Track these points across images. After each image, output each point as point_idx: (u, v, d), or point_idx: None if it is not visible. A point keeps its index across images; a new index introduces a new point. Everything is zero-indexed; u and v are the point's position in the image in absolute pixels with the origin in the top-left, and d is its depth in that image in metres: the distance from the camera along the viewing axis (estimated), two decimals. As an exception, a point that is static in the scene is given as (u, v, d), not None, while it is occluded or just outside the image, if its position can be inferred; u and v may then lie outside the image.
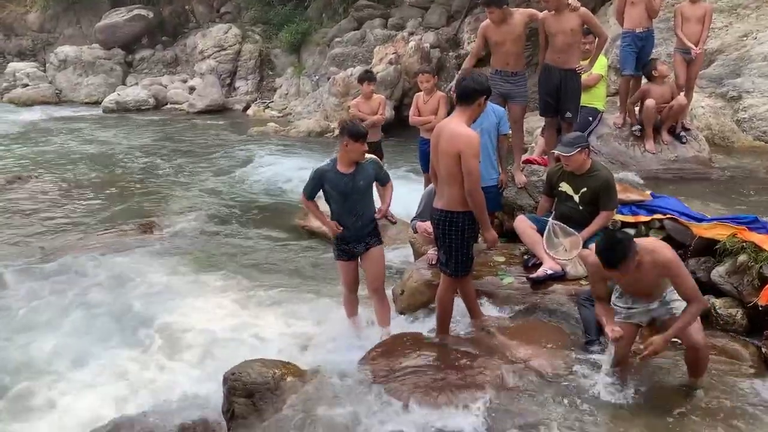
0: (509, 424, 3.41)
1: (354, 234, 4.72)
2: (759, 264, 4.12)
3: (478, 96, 4.01)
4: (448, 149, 3.98)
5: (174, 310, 5.79)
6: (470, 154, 3.90)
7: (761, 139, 8.08)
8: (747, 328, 4.17)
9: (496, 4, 5.68)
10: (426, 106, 6.99)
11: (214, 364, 4.69)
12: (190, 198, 9.48)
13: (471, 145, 3.92)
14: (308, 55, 17.97)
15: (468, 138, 3.94)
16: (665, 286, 3.60)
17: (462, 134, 3.95)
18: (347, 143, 4.55)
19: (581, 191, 4.93)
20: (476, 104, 4.03)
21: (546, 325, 4.44)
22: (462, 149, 3.91)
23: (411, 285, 5.13)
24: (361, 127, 4.69)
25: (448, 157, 3.99)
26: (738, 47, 9.28)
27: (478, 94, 4.00)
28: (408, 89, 13.53)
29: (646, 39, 6.69)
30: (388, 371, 3.84)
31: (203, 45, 19.19)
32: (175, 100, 18.48)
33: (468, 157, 3.90)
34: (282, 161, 11.61)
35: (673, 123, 6.74)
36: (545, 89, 5.93)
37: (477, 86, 4.02)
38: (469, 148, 3.91)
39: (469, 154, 3.90)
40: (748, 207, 5.39)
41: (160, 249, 7.32)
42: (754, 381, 3.77)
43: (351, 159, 4.60)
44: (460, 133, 3.95)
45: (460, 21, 15.20)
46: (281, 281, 6.44)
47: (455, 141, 3.95)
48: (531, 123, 8.62)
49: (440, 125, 4.19)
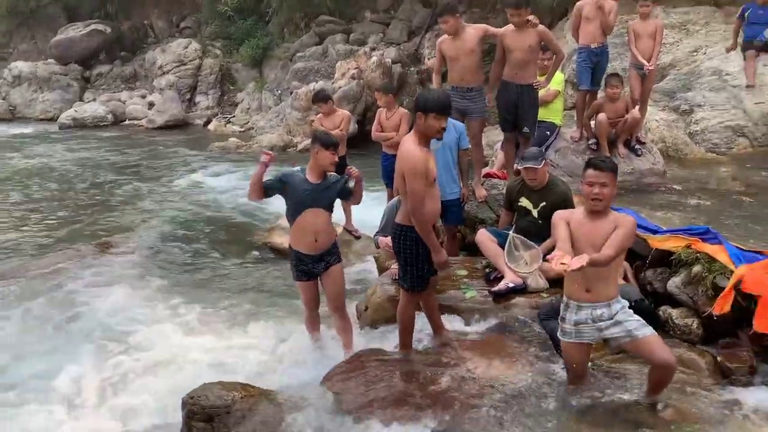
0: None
1: (312, 256, 4.67)
2: (712, 274, 4.20)
3: (414, 112, 3.93)
4: (398, 167, 4.00)
5: (131, 332, 5.65)
6: (412, 175, 3.84)
7: (713, 151, 8.32)
8: (703, 337, 4.23)
9: (450, 12, 5.75)
10: (388, 122, 7.03)
11: (172, 387, 4.56)
12: (148, 216, 9.30)
13: (413, 166, 3.84)
14: (270, 69, 17.91)
15: (411, 158, 3.86)
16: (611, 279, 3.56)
17: (406, 155, 3.89)
18: (318, 150, 4.54)
19: (540, 205, 5.00)
20: (417, 121, 3.90)
21: (508, 338, 4.45)
22: (405, 170, 3.88)
23: (375, 300, 5.10)
24: (333, 136, 4.69)
25: (398, 173, 4.01)
26: (689, 62, 9.59)
27: (422, 111, 3.87)
28: (371, 104, 13.56)
29: (600, 54, 6.85)
30: (351, 390, 3.80)
31: (163, 60, 18.97)
32: (134, 115, 18.20)
33: (410, 178, 3.85)
34: (244, 176, 11.48)
35: (628, 136, 6.91)
36: (503, 105, 6.01)
37: (414, 103, 3.98)
38: (412, 169, 3.84)
39: (411, 175, 3.84)
40: (701, 217, 5.53)
41: (117, 269, 7.14)
42: (712, 390, 3.84)
43: (320, 167, 4.57)
44: (404, 153, 3.90)
45: (421, 36, 15.35)
46: (242, 300, 6.34)
47: (401, 160, 3.94)
48: (491, 137, 8.74)
49: (401, 142, 4.19)
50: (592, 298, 3.54)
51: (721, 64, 9.07)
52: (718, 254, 4.25)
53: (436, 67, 6.27)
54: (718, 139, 8.42)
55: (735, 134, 8.42)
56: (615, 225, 3.45)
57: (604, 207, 3.51)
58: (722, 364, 3.99)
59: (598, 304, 3.53)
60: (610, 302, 3.54)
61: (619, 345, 3.61)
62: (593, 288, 3.52)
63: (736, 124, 8.43)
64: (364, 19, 17.32)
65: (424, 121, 3.86)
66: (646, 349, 3.51)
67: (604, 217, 3.50)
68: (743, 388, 3.82)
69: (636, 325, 3.51)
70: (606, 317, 3.53)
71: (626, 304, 3.58)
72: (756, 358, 3.98)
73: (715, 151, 8.32)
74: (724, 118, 8.53)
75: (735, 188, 6.74)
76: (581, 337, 3.63)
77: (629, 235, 3.47)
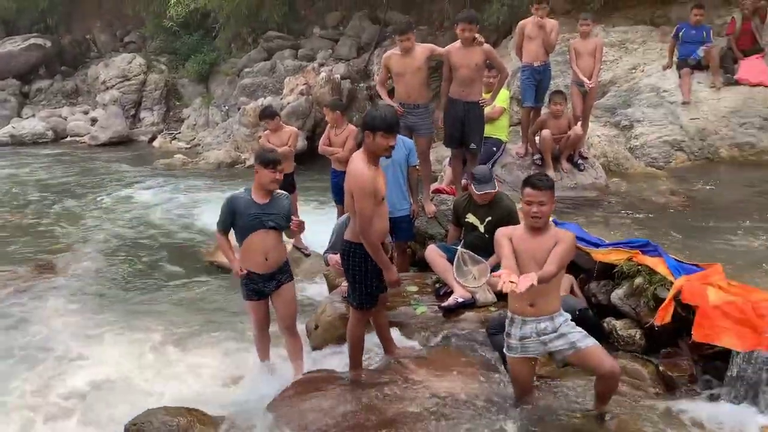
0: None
1: (262, 275, 4.59)
2: (653, 286, 4.32)
3: (362, 131, 3.94)
4: (346, 185, 3.99)
5: (71, 357, 5.44)
6: (360, 195, 3.84)
7: (652, 165, 8.59)
8: (645, 347, 4.34)
9: (411, 30, 5.85)
10: (336, 138, 7.06)
11: (114, 414, 4.41)
12: (90, 236, 9.01)
13: (361, 186, 3.83)
14: (217, 85, 17.71)
15: (359, 178, 3.86)
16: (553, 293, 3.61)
17: (354, 174, 3.89)
18: (257, 169, 4.47)
19: (486, 221, 5.07)
20: (365, 139, 3.90)
21: (458, 354, 4.47)
22: (353, 190, 3.88)
23: (325, 319, 5.05)
24: (272, 154, 4.56)
25: (346, 191, 4.01)
26: (628, 79, 9.92)
27: (370, 130, 3.86)
28: (320, 120, 13.54)
29: (543, 72, 7.01)
30: (300, 412, 3.74)
31: (106, 75, 18.53)
32: (75, 132, 17.68)
33: (358, 197, 3.85)
34: (190, 194, 11.29)
35: (571, 152, 7.08)
36: (450, 122, 6.08)
37: (362, 122, 3.99)
38: (360, 189, 3.84)
39: (359, 195, 3.84)
40: (642, 230, 5.69)
41: (58, 291, 6.89)
42: (655, 399, 3.94)
43: (263, 186, 4.48)
44: (353, 172, 3.90)
45: (370, 53, 15.45)
46: (189, 321, 6.18)
47: (349, 179, 3.94)
48: (439, 152, 8.82)
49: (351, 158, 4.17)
50: (535, 313, 3.59)
51: (658, 81, 9.41)
52: (658, 266, 4.38)
53: (381, 81, 6.33)
54: (657, 153, 8.70)
55: (673, 149, 8.72)
56: (556, 240, 3.52)
57: (543, 224, 3.58)
58: (664, 373, 4.10)
59: (542, 317, 3.59)
60: (553, 315, 3.60)
61: (564, 358, 3.66)
62: (536, 303, 3.57)
63: (674, 139, 8.74)
64: (312, 35, 17.34)
65: (372, 140, 3.86)
66: (590, 359, 3.57)
67: (545, 233, 3.57)
68: (684, 397, 3.93)
69: (579, 336, 3.57)
70: (550, 330, 3.58)
71: (569, 317, 3.64)
72: (696, 367, 4.10)
73: (655, 165, 8.59)
74: (663, 133, 8.83)
75: (673, 201, 6.96)
76: (526, 352, 3.67)
77: (570, 251, 3.55)
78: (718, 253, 5.00)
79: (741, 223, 5.88)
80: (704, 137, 8.65)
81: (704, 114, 8.75)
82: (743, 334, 3.82)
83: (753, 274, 4.57)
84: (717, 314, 3.91)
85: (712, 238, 5.58)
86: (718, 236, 5.60)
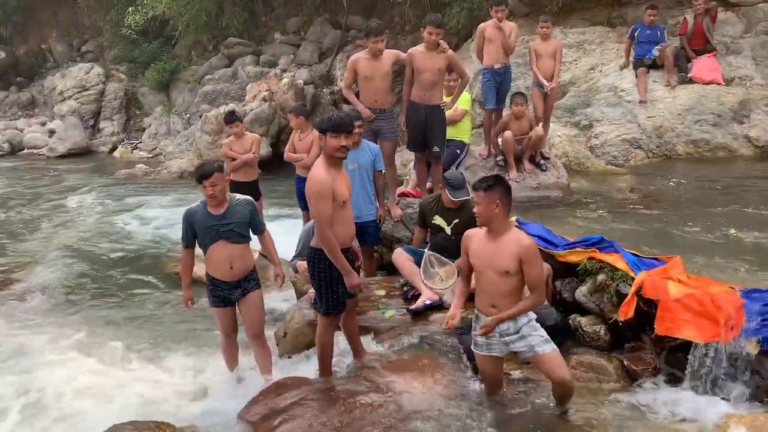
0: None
1: (228, 282, 4.56)
2: (616, 282, 4.41)
3: (321, 133, 3.98)
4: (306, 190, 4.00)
5: (33, 373, 5.28)
6: (316, 197, 3.88)
7: (612, 163, 8.77)
8: (611, 342, 4.43)
9: (385, 32, 5.86)
10: (301, 143, 7.03)
11: (81, 429, 4.31)
12: (50, 250, 8.79)
13: (317, 190, 3.88)
14: (178, 93, 17.49)
15: (314, 181, 3.91)
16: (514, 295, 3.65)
17: (310, 178, 3.95)
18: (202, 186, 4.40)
19: (453, 223, 5.11)
20: (323, 141, 3.96)
21: (427, 355, 4.49)
22: (310, 193, 3.93)
23: (293, 326, 5.03)
24: (201, 169, 4.41)
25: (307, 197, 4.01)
26: (587, 79, 10.11)
27: (321, 131, 3.97)
28: (284, 126, 13.46)
29: (503, 74, 7.11)
30: (270, 421, 3.72)
31: (63, 86, 18.16)
32: (33, 144, 17.28)
33: (314, 200, 3.89)
34: (153, 204, 11.12)
35: (533, 152, 7.18)
36: (412, 125, 6.12)
37: (320, 124, 4.04)
38: (316, 193, 3.88)
39: (315, 198, 3.89)
40: (604, 226, 5.81)
41: (18, 307, 6.71)
42: (620, 392, 4.02)
43: (209, 197, 4.41)
44: (310, 176, 3.96)
45: (332, 58, 15.43)
46: (155, 333, 6.09)
47: (307, 183, 3.97)
48: (405, 156, 8.86)
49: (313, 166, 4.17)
50: (497, 313, 3.63)
51: (616, 80, 9.62)
52: (617, 263, 4.46)
53: (348, 84, 6.21)
54: (617, 151, 8.89)
55: (632, 147, 8.92)
56: (515, 243, 3.54)
57: (484, 223, 3.63)
58: (628, 367, 4.19)
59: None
60: (516, 318, 3.63)
61: (525, 358, 3.73)
62: (498, 304, 3.63)
63: (632, 137, 8.94)
64: (273, 41, 17.24)
65: (325, 142, 3.94)
66: (545, 365, 3.65)
67: (504, 236, 3.60)
68: (648, 390, 4.03)
69: (538, 341, 3.62)
70: (512, 331, 3.64)
71: (533, 318, 3.67)
72: (659, 359, 4.19)
73: (615, 164, 8.78)
74: (621, 131, 9.03)
75: (632, 198, 7.12)
76: (491, 350, 3.73)
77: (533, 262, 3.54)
78: (678, 246, 5.13)
79: (698, 217, 6.04)
80: (661, 135, 8.87)
81: (660, 112, 8.98)
82: (703, 326, 3.92)
83: (711, 267, 4.71)
84: (678, 307, 4.01)
85: (672, 232, 5.73)
86: (677, 230, 5.75)
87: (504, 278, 3.56)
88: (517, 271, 3.54)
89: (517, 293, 3.63)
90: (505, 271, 3.54)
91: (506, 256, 3.53)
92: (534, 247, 3.58)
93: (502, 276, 3.56)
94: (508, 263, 3.52)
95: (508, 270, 3.54)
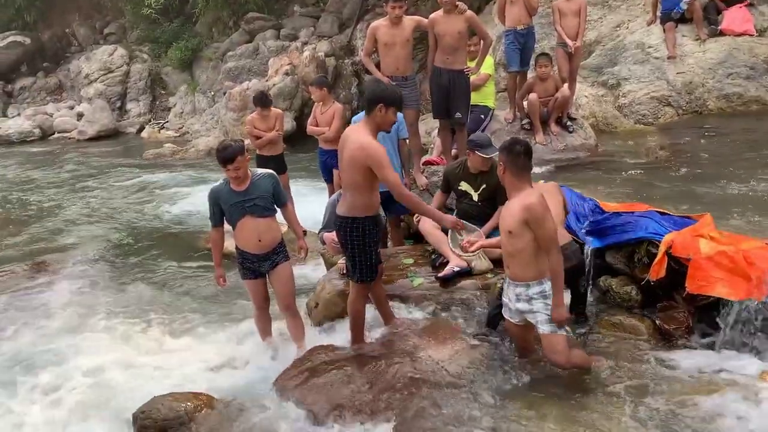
0: (429, 424, 3.44)
1: (257, 255, 4.62)
2: (646, 243, 4.36)
3: (373, 105, 3.92)
4: (349, 159, 3.94)
5: (73, 348, 5.46)
6: (380, 166, 3.82)
7: (641, 122, 8.60)
8: (642, 302, 4.39)
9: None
10: (323, 116, 7.02)
11: (122, 403, 4.44)
12: (85, 231, 9.01)
13: (376, 158, 3.82)
14: (201, 71, 17.57)
15: (371, 151, 3.84)
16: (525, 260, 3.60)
17: (364, 147, 3.85)
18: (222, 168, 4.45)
19: (480, 189, 5.07)
20: (375, 113, 3.90)
21: (456, 322, 4.51)
22: (369, 164, 3.85)
23: (324, 297, 5.09)
24: (223, 153, 4.38)
25: (350, 166, 3.95)
26: (613, 37, 9.87)
27: (373, 103, 3.91)
28: (307, 99, 13.47)
29: (527, 35, 6.97)
30: (305, 389, 3.79)
31: (88, 69, 18.36)
32: (62, 128, 17.57)
33: (379, 170, 3.83)
34: (182, 182, 11.27)
35: (559, 114, 7.07)
36: (435, 91, 6.06)
37: (370, 95, 3.99)
38: (376, 161, 3.82)
39: (380, 167, 3.83)
40: (633, 186, 5.72)
41: (55, 287, 6.89)
42: (653, 352, 4.00)
43: (234, 176, 4.46)
44: (363, 146, 3.86)
45: (353, 28, 15.31)
46: (189, 307, 6.22)
47: (358, 154, 3.88)
48: (429, 124, 8.80)
49: (346, 133, 4.13)
50: (511, 275, 3.69)
51: (643, 37, 9.36)
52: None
53: (367, 52, 6.12)
54: (646, 110, 8.70)
55: (661, 104, 8.72)
56: (520, 204, 3.52)
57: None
58: (661, 326, 4.16)
59: (518, 283, 3.66)
60: (530, 283, 3.63)
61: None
62: (510, 265, 3.68)
63: (661, 95, 8.73)
64: (293, 13, 17.16)
65: (384, 114, 3.91)
66: (543, 342, 3.67)
67: (512, 198, 3.61)
68: (682, 348, 4.00)
69: (542, 318, 3.61)
70: (524, 297, 3.65)
71: (546, 289, 3.60)
72: (692, 318, 4.15)
73: (644, 122, 8.61)
74: (650, 89, 8.82)
75: (663, 157, 6.99)
76: (512, 317, 3.78)
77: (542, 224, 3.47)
78: (709, 204, 5.04)
79: (730, 174, 5.91)
80: (691, 91, 8.65)
81: (690, 67, 8.74)
82: (736, 283, 3.86)
83: (744, 223, 4.62)
84: (709, 265, 3.95)
85: (703, 189, 5.62)
86: (709, 187, 5.64)
87: (509, 238, 3.60)
88: (520, 233, 3.53)
89: (526, 257, 3.57)
90: (508, 231, 3.59)
91: (510, 215, 3.57)
92: (538, 206, 3.50)
93: (508, 236, 3.61)
94: (510, 223, 3.56)
95: (510, 230, 3.57)
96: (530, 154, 3.62)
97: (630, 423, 3.30)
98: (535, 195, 3.57)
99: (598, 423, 3.31)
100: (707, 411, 3.37)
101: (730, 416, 3.32)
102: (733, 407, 3.37)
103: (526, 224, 3.49)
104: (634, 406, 3.43)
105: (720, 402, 3.42)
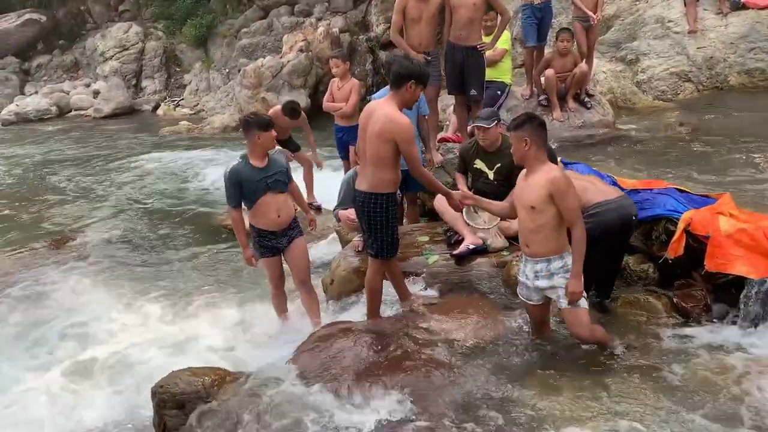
0: (446, 399, 3.46)
1: (275, 231, 4.67)
2: (664, 220, 4.31)
3: (404, 81, 3.91)
4: (377, 132, 3.92)
5: (96, 326, 5.58)
6: (406, 140, 3.87)
7: (660, 98, 8.48)
8: (659, 280, 4.36)
9: None
10: (339, 92, 6.95)
11: (141, 378, 4.53)
12: (102, 208, 9.11)
13: (405, 133, 3.86)
14: (216, 48, 17.53)
15: (401, 126, 3.87)
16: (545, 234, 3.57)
17: (394, 121, 3.87)
18: (259, 136, 4.52)
19: (495, 167, 5.03)
20: (404, 89, 3.91)
21: (472, 299, 4.51)
22: (396, 138, 3.86)
23: (340, 273, 5.11)
24: (264, 116, 4.74)
25: (376, 140, 3.93)
26: (632, 12, 9.69)
27: (404, 79, 3.90)
28: (322, 76, 13.42)
29: (544, 10, 6.86)
30: (321, 364, 3.81)
31: (104, 46, 18.40)
32: (79, 106, 17.67)
33: (405, 144, 3.87)
34: (197, 160, 11.31)
35: (577, 90, 6.97)
36: (450, 67, 5.99)
37: (402, 70, 3.96)
38: (404, 135, 3.86)
39: (405, 141, 3.87)
40: (652, 164, 5.65)
41: (75, 264, 7.01)
42: (670, 330, 3.97)
43: (265, 149, 4.60)
44: (393, 120, 3.87)
45: (367, 3, 15.16)
46: (206, 284, 6.30)
47: (387, 127, 3.87)
48: (444, 101, 8.72)
49: (370, 107, 4.10)
50: (530, 253, 3.63)
51: (663, 11, 9.19)
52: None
53: (397, 28, 5.90)
54: (665, 86, 8.57)
55: (681, 80, 8.58)
56: (544, 178, 3.47)
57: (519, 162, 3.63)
58: (678, 304, 4.12)
59: (538, 259, 3.61)
60: (551, 258, 3.58)
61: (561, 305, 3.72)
62: (529, 242, 3.62)
63: (681, 70, 8.59)
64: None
65: (413, 90, 3.94)
66: (565, 317, 3.66)
67: (537, 172, 3.54)
68: (700, 326, 3.97)
69: (563, 293, 3.57)
70: (544, 273, 3.61)
71: (568, 263, 3.56)
72: (710, 296, 4.12)
73: (663, 98, 8.48)
74: (670, 64, 8.68)
75: (682, 133, 6.89)
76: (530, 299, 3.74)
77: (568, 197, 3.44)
78: (730, 182, 4.98)
79: (751, 151, 5.82)
80: (712, 66, 8.49)
81: (711, 42, 8.57)
82: (756, 261, 3.82)
83: (764, 201, 4.56)
84: (729, 243, 3.91)
85: (723, 167, 5.54)
86: (729, 165, 5.56)
87: (530, 214, 3.53)
88: (543, 207, 3.48)
89: (548, 232, 3.53)
90: (530, 206, 3.52)
91: (533, 190, 3.51)
92: (563, 178, 3.47)
93: (529, 212, 3.54)
94: (533, 198, 3.50)
95: (533, 205, 3.50)
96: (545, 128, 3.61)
97: (647, 400, 3.29)
98: (558, 169, 3.55)
99: (614, 398, 3.31)
100: (726, 388, 3.35)
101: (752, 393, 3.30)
102: (754, 384, 3.35)
103: (550, 198, 3.45)
104: (652, 384, 3.42)
105: (739, 379, 3.40)
